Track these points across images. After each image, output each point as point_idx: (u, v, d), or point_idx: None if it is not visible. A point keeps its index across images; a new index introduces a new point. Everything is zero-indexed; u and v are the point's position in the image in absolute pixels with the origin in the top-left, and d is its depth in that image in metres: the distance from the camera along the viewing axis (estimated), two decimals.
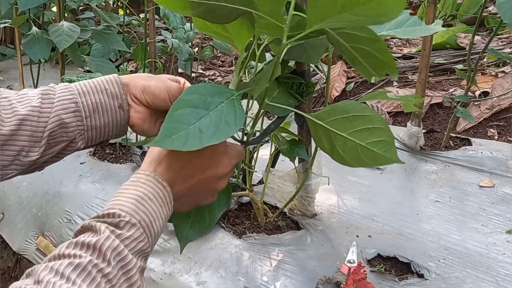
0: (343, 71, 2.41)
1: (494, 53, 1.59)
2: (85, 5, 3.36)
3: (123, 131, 0.74)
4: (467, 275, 1.03)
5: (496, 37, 2.42)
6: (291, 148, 1.11)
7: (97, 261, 0.49)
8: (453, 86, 2.14)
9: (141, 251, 0.54)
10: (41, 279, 0.46)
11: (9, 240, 1.47)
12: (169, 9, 0.70)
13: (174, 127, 0.54)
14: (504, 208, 1.30)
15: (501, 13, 1.08)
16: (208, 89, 0.61)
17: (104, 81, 0.72)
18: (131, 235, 0.53)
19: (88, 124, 0.70)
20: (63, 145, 0.70)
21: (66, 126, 0.69)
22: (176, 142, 0.53)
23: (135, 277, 0.52)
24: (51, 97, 0.69)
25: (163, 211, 0.59)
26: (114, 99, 0.71)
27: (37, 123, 0.67)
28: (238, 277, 1.05)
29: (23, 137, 0.66)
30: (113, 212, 0.54)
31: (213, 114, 0.57)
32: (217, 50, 2.73)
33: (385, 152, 0.66)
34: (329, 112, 0.68)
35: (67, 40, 1.72)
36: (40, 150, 0.68)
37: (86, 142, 0.72)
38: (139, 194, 0.57)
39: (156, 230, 0.58)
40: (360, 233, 1.19)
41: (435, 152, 1.63)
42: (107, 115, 0.71)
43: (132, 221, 0.54)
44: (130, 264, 0.51)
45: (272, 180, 1.26)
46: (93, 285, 0.47)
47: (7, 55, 3.38)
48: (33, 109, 0.67)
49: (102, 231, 0.51)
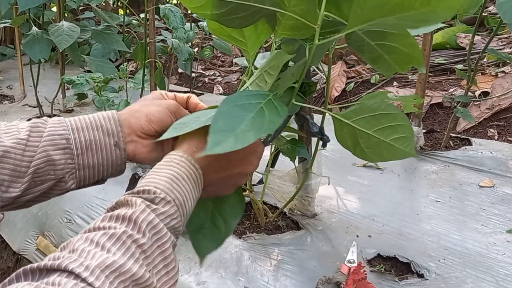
0: (343, 71, 2.41)
1: (494, 53, 1.59)
2: (85, 5, 3.36)
3: (119, 170, 0.70)
4: (467, 275, 1.03)
5: (496, 37, 2.42)
6: (292, 147, 1.11)
7: (132, 232, 0.49)
8: (453, 86, 2.14)
9: (174, 228, 0.54)
10: (76, 248, 0.46)
11: (9, 240, 1.47)
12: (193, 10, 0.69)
13: (221, 135, 0.53)
14: (504, 208, 1.30)
15: (501, 13, 1.08)
16: (243, 96, 0.61)
17: (101, 117, 0.68)
18: (166, 211, 0.53)
19: (79, 163, 0.66)
20: (50, 184, 0.65)
21: (54, 163, 0.64)
22: (227, 146, 0.53)
23: (169, 251, 0.51)
24: (40, 130, 0.65)
25: (195, 193, 0.59)
26: (110, 136, 0.67)
27: (21, 156, 0.63)
28: (238, 277, 1.05)
29: (4, 170, 0.62)
30: (148, 189, 0.54)
31: (255, 116, 0.57)
32: (217, 50, 2.73)
33: (405, 147, 0.69)
34: (356, 111, 0.70)
35: (67, 40, 1.72)
36: (23, 186, 0.63)
37: (78, 182, 0.68)
38: (173, 173, 0.57)
39: (188, 210, 0.57)
40: (360, 233, 1.19)
41: (435, 152, 1.63)
42: (101, 154, 0.67)
43: (167, 198, 0.54)
44: (164, 237, 0.51)
45: (272, 180, 1.26)
46: (128, 254, 0.47)
47: (7, 55, 3.39)
48: (19, 141, 0.63)
49: (138, 204, 0.51)
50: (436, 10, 0.49)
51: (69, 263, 0.44)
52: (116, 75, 2.00)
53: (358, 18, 0.55)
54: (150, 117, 0.68)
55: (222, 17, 0.66)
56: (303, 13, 0.61)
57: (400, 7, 0.51)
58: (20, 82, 2.58)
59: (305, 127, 1.07)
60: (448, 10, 0.50)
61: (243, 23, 0.68)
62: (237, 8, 0.63)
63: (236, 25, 0.68)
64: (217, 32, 0.78)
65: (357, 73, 2.41)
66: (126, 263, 0.46)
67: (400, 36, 0.63)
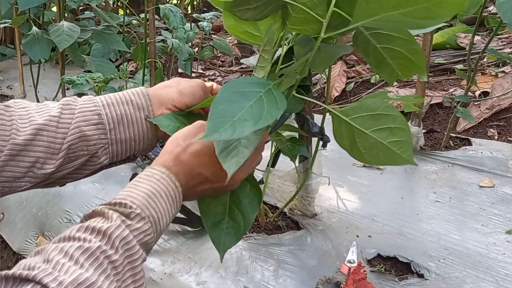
0: (343, 71, 2.41)
1: (494, 53, 1.59)
2: (85, 5, 3.36)
3: (151, 145, 0.71)
4: (467, 275, 1.03)
5: (496, 37, 2.42)
6: (292, 146, 1.11)
7: (105, 248, 0.49)
8: (453, 86, 2.14)
9: (146, 243, 0.55)
10: (50, 258, 0.47)
11: (9, 240, 1.47)
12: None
13: (219, 121, 0.54)
14: (504, 208, 1.30)
15: (501, 13, 1.08)
16: (243, 83, 0.61)
17: (130, 93, 0.69)
18: (140, 227, 0.54)
19: (112, 138, 0.67)
20: (84, 159, 0.66)
21: (87, 139, 0.65)
22: (224, 134, 0.53)
23: (139, 267, 0.52)
24: (72, 107, 0.66)
25: (172, 210, 0.59)
26: (140, 110, 0.68)
27: (54, 133, 0.64)
28: (238, 277, 1.05)
29: (38, 147, 0.63)
30: (125, 202, 0.54)
31: (254, 105, 0.57)
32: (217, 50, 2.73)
33: (403, 152, 0.67)
34: (355, 109, 0.69)
35: (67, 40, 1.72)
36: (57, 163, 0.64)
37: (111, 157, 0.68)
38: (151, 190, 0.57)
39: (162, 227, 0.58)
40: (360, 233, 1.19)
41: (435, 152, 1.63)
42: (132, 128, 0.68)
43: (142, 214, 0.54)
44: (136, 254, 0.52)
45: (272, 180, 1.26)
46: (100, 270, 0.48)
47: (7, 55, 3.39)
48: (52, 118, 0.64)
49: (114, 219, 0.52)
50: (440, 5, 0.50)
51: (44, 276, 0.44)
52: (116, 75, 2.00)
53: (363, 12, 0.56)
54: (181, 89, 0.70)
55: (235, 7, 0.66)
56: (313, 6, 0.61)
57: (404, 2, 0.51)
58: (20, 82, 2.57)
59: (306, 127, 1.07)
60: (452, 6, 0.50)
61: (256, 15, 0.68)
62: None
63: (249, 17, 0.69)
64: (233, 29, 0.78)
65: (357, 73, 2.41)
66: (97, 280, 0.47)
67: (405, 41, 0.63)
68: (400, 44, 0.63)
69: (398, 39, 0.63)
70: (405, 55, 0.64)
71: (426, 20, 0.54)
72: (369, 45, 0.65)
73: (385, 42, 0.64)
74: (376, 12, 0.54)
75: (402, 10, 0.52)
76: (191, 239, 1.19)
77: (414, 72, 0.66)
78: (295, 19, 0.65)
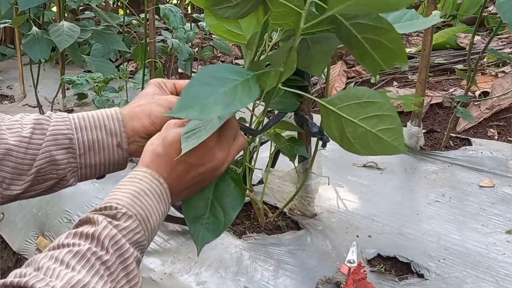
0: (343, 71, 2.41)
1: (494, 53, 1.59)
2: (85, 5, 3.36)
3: (121, 168, 0.71)
4: (467, 275, 1.03)
5: (496, 37, 2.42)
6: (291, 146, 1.11)
7: (95, 249, 0.49)
8: (453, 86, 2.14)
9: (137, 242, 0.54)
10: (41, 266, 0.47)
11: (9, 240, 1.47)
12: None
13: (190, 102, 0.54)
14: (504, 208, 1.30)
15: (501, 13, 1.08)
16: (222, 68, 0.60)
17: (105, 116, 0.68)
18: (128, 226, 0.53)
19: (81, 162, 0.66)
20: (53, 182, 0.66)
21: (56, 163, 0.65)
22: (192, 113, 0.53)
23: (131, 266, 0.52)
24: (44, 127, 0.65)
25: (160, 207, 0.59)
26: (113, 137, 0.67)
27: (23, 155, 0.63)
28: (238, 277, 1.05)
29: (6, 168, 0.62)
30: (110, 205, 0.54)
31: (228, 91, 0.57)
32: (217, 50, 2.73)
33: (393, 140, 0.66)
34: (341, 98, 0.68)
35: (67, 40, 1.72)
36: (24, 185, 0.64)
37: (79, 179, 0.68)
38: (135, 189, 0.57)
39: (153, 225, 0.58)
40: (360, 233, 1.19)
41: (435, 152, 1.63)
42: (103, 153, 0.67)
43: (129, 213, 0.54)
44: (127, 253, 0.52)
45: (272, 180, 1.26)
46: (92, 271, 0.48)
47: (7, 55, 3.39)
48: (22, 139, 0.63)
49: (100, 222, 0.52)
50: None
51: (36, 282, 0.44)
52: (116, 75, 2.00)
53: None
54: (152, 119, 0.68)
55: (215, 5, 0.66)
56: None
57: None
58: (20, 82, 2.58)
59: (305, 127, 1.07)
60: None
61: (237, 13, 0.68)
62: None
63: (230, 16, 0.69)
64: (215, 28, 0.78)
65: (357, 73, 2.41)
66: (90, 281, 0.46)
67: (384, 30, 0.62)
68: (379, 33, 0.63)
69: (377, 29, 0.63)
70: (385, 44, 0.64)
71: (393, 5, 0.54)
72: (351, 36, 0.65)
73: (366, 32, 0.64)
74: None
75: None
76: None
77: (395, 61, 0.66)
78: (275, 14, 0.65)
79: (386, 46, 0.64)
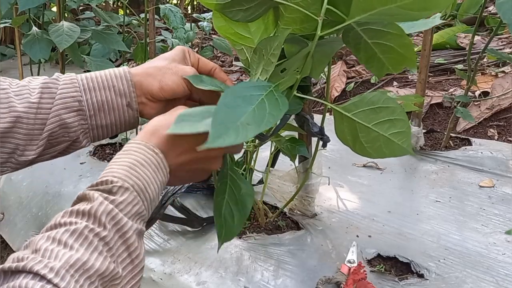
0: (343, 71, 2.41)
1: (494, 53, 1.59)
2: (85, 5, 3.37)
3: (132, 127, 0.71)
4: (467, 275, 1.03)
5: (496, 37, 2.42)
6: (291, 146, 1.11)
7: (93, 226, 0.49)
8: (453, 86, 2.14)
9: (136, 214, 0.54)
10: (39, 247, 0.46)
11: (9, 240, 1.47)
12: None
13: (223, 128, 0.53)
14: (504, 208, 1.30)
15: (501, 13, 1.08)
16: (243, 87, 0.61)
17: (113, 76, 0.67)
18: (125, 199, 0.53)
19: (92, 123, 0.66)
20: (66, 145, 0.67)
21: (67, 126, 0.65)
22: (228, 140, 0.53)
23: (131, 239, 0.52)
24: (52, 91, 0.64)
25: (158, 176, 0.58)
26: (122, 97, 0.67)
27: (34, 120, 0.63)
28: (238, 277, 1.05)
29: (18, 135, 0.63)
30: (105, 179, 0.54)
31: (256, 108, 0.57)
32: (217, 50, 2.73)
33: (403, 143, 0.68)
34: (357, 104, 0.70)
35: (67, 40, 1.72)
36: (38, 150, 0.64)
37: (92, 140, 0.69)
38: (131, 161, 0.56)
39: (152, 195, 0.57)
40: (360, 233, 1.19)
41: (435, 152, 1.63)
42: (113, 114, 0.67)
43: (125, 185, 0.54)
44: (125, 226, 0.51)
45: (272, 180, 1.26)
46: (91, 249, 0.47)
47: (7, 55, 3.39)
48: (31, 105, 0.63)
49: (95, 198, 0.51)
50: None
51: (34, 265, 0.44)
52: None
53: (360, 7, 0.56)
54: (162, 85, 0.67)
55: (226, 8, 0.66)
56: (307, 5, 0.61)
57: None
58: None
59: (305, 127, 1.07)
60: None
61: (247, 16, 0.67)
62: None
63: (240, 19, 0.68)
64: (223, 30, 0.78)
65: (357, 73, 2.41)
66: (89, 259, 0.46)
67: (396, 36, 0.63)
68: (390, 39, 0.64)
69: (389, 34, 0.63)
70: (396, 49, 0.65)
71: (422, 11, 0.54)
72: (360, 41, 0.66)
73: (377, 37, 0.64)
74: (373, 7, 0.55)
75: (400, 3, 0.52)
76: (191, 239, 1.19)
77: (405, 65, 0.67)
78: (288, 19, 0.65)
79: (396, 51, 0.65)
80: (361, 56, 0.69)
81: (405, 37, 0.64)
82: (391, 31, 0.63)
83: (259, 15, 0.68)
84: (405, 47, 0.65)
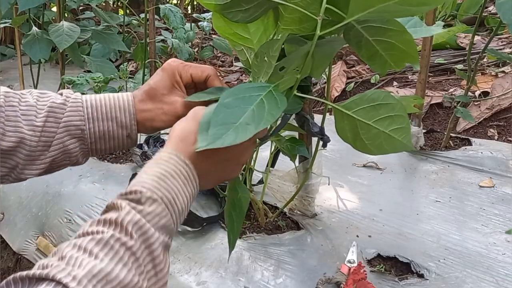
0: (343, 71, 2.41)
1: (494, 53, 1.59)
2: (85, 5, 3.36)
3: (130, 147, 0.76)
4: (467, 275, 1.03)
5: (496, 37, 2.41)
6: (291, 146, 1.11)
7: (119, 235, 0.49)
8: (453, 86, 2.14)
9: (164, 226, 0.54)
10: (64, 255, 0.47)
11: (9, 240, 1.47)
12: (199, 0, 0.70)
13: (222, 128, 0.54)
14: (504, 208, 1.30)
15: (501, 13, 1.08)
16: (242, 88, 0.61)
17: (117, 107, 0.70)
18: (153, 210, 0.53)
19: (92, 148, 0.71)
20: (66, 166, 0.72)
21: (69, 152, 0.69)
22: (227, 139, 0.54)
23: (157, 251, 0.51)
24: (58, 117, 0.68)
25: (187, 189, 0.58)
26: (123, 129, 0.71)
27: (36, 143, 0.67)
28: (238, 277, 1.05)
29: (20, 154, 0.66)
30: (135, 189, 0.54)
31: (255, 108, 0.58)
32: (217, 50, 2.73)
33: (403, 138, 0.70)
34: (357, 102, 0.71)
35: (67, 40, 1.72)
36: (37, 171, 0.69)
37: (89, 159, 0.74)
38: (161, 171, 0.56)
39: (180, 207, 0.57)
40: (360, 233, 1.19)
41: (435, 152, 1.63)
42: (113, 142, 0.71)
43: (154, 196, 0.54)
44: (152, 238, 0.51)
45: (272, 180, 1.26)
46: (116, 259, 0.47)
47: (7, 55, 3.39)
48: (35, 129, 0.66)
49: (123, 207, 0.52)
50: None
51: (57, 273, 0.44)
52: (116, 75, 2.00)
53: (358, 5, 0.56)
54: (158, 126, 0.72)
55: (225, 9, 0.67)
56: (306, 5, 0.62)
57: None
58: (20, 82, 2.57)
59: (306, 127, 1.07)
60: None
61: (247, 17, 0.68)
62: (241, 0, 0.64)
63: (240, 20, 0.69)
64: (223, 31, 0.78)
65: (357, 73, 2.41)
66: (114, 269, 0.46)
67: (397, 32, 0.63)
68: (392, 35, 0.64)
69: (390, 31, 0.63)
70: (398, 46, 0.65)
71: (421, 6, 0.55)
72: (361, 38, 0.66)
73: (378, 34, 0.64)
74: (371, 4, 0.55)
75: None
76: (191, 239, 1.19)
77: (407, 61, 0.68)
78: (287, 19, 0.65)
79: (398, 47, 0.65)
80: (363, 53, 0.69)
81: (406, 33, 0.64)
82: (392, 28, 0.63)
83: (258, 16, 0.68)
84: (407, 43, 0.65)
